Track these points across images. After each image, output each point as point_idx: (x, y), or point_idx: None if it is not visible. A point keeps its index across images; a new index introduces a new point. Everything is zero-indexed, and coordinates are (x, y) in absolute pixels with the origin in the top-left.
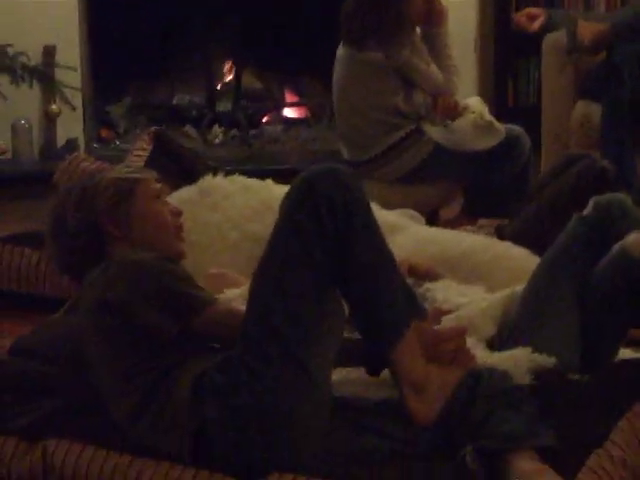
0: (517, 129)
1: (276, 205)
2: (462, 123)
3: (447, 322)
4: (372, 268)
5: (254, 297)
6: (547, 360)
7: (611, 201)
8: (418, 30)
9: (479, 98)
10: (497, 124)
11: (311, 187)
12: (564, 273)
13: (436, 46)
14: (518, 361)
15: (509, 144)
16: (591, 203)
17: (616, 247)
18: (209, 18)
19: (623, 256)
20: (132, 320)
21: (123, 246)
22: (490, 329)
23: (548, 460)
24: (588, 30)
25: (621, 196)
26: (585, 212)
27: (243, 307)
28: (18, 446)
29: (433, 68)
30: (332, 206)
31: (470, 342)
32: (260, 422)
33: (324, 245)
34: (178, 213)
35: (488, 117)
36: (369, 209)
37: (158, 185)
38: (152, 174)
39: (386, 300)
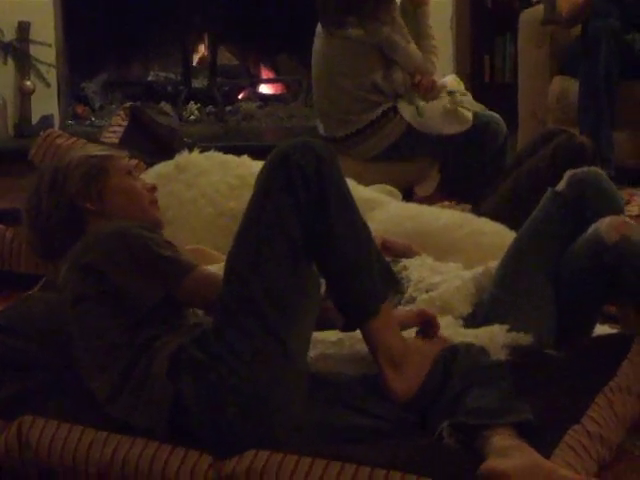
0: (489, 115)
1: (252, 181)
2: (434, 106)
3: (421, 303)
4: (346, 240)
5: (231, 271)
6: (523, 337)
7: (585, 178)
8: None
9: (455, 76)
10: (463, 111)
11: (285, 159)
12: (539, 251)
13: (418, 24)
14: (494, 337)
15: (479, 131)
16: (565, 178)
17: (591, 229)
18: None
19: (596, 240)
20: (116, 288)
21: (101, 221)
22: (465, 308)
23: (525, 436)
24: (566, 2)
25: (596, 171)
26: (559, 187)
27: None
28: None
29: (413, 46)
30: (305, 177)
31: (446, 321)
32: (236, 397)
33: (298, 217)
34: (152, 188)
35: (459, 99)
36: (343, 181)
37: (128, 161)
38: (122, 152)
39: (361, 273)
